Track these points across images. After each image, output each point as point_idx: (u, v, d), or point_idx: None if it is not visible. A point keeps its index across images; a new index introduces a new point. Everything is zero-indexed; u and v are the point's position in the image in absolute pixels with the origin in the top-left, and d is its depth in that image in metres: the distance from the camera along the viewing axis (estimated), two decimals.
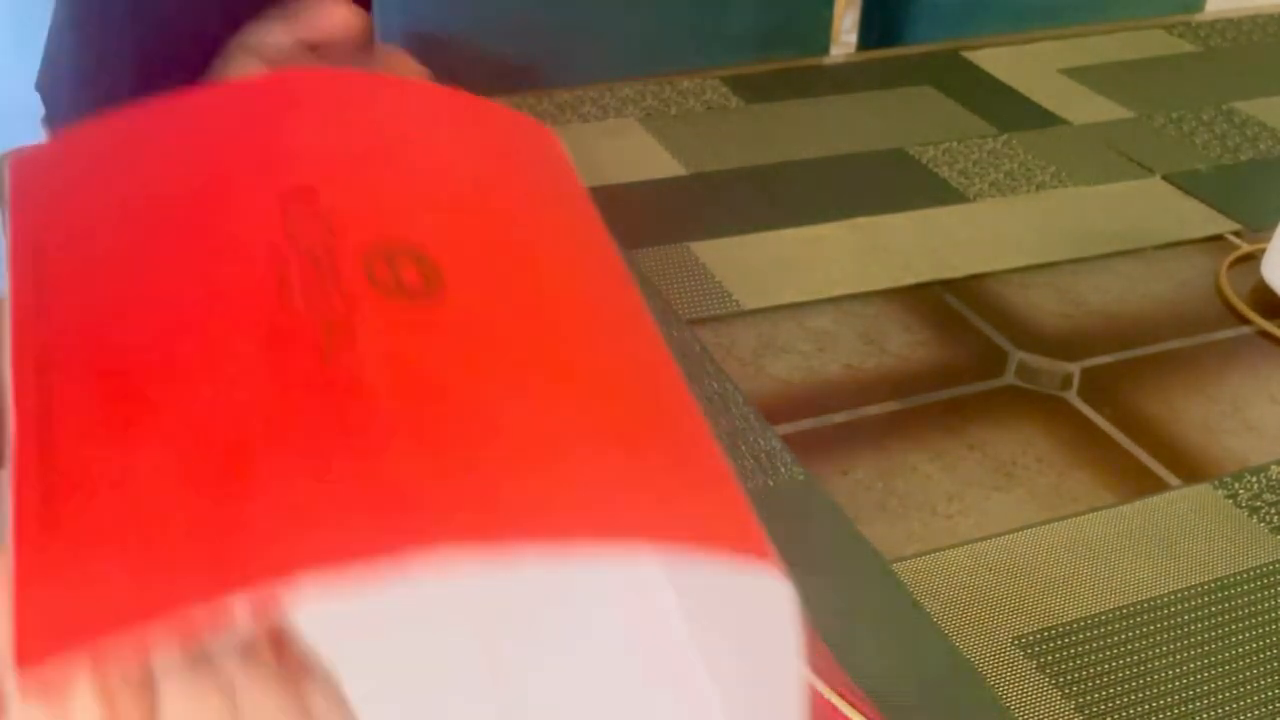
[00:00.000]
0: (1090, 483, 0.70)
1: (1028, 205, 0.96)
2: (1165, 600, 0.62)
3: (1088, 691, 0.57)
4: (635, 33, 1.25)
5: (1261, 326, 0.84)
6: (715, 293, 0.83)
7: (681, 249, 0.87)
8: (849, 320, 0.82)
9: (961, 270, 0.87)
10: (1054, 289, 0.87)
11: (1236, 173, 1.02)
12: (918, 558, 0.64)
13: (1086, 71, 1.18)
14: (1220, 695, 0.58)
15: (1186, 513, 0.68)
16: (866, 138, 1.04)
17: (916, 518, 0.66)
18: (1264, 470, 0.71)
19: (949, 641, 0.59)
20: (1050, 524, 0.66)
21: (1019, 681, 0.58)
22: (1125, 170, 1.02)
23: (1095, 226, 0.94)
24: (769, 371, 0.77)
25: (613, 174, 0.96)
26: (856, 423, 0.73)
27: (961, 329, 0.82)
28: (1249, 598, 0.63)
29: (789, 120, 1.05)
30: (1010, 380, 0.78)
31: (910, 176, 0.99)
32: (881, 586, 0.61)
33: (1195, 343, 0.82)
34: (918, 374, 0.77)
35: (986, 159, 1.02)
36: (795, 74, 1.14)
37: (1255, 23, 1.32)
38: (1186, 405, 0.76)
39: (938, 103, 1.10)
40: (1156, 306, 0.86)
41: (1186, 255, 0.92)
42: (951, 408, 0.75)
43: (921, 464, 0.70)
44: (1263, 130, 1.09)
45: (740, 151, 1.00)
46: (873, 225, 0.92)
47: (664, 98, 1.07)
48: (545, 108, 1.03)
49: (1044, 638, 0.60)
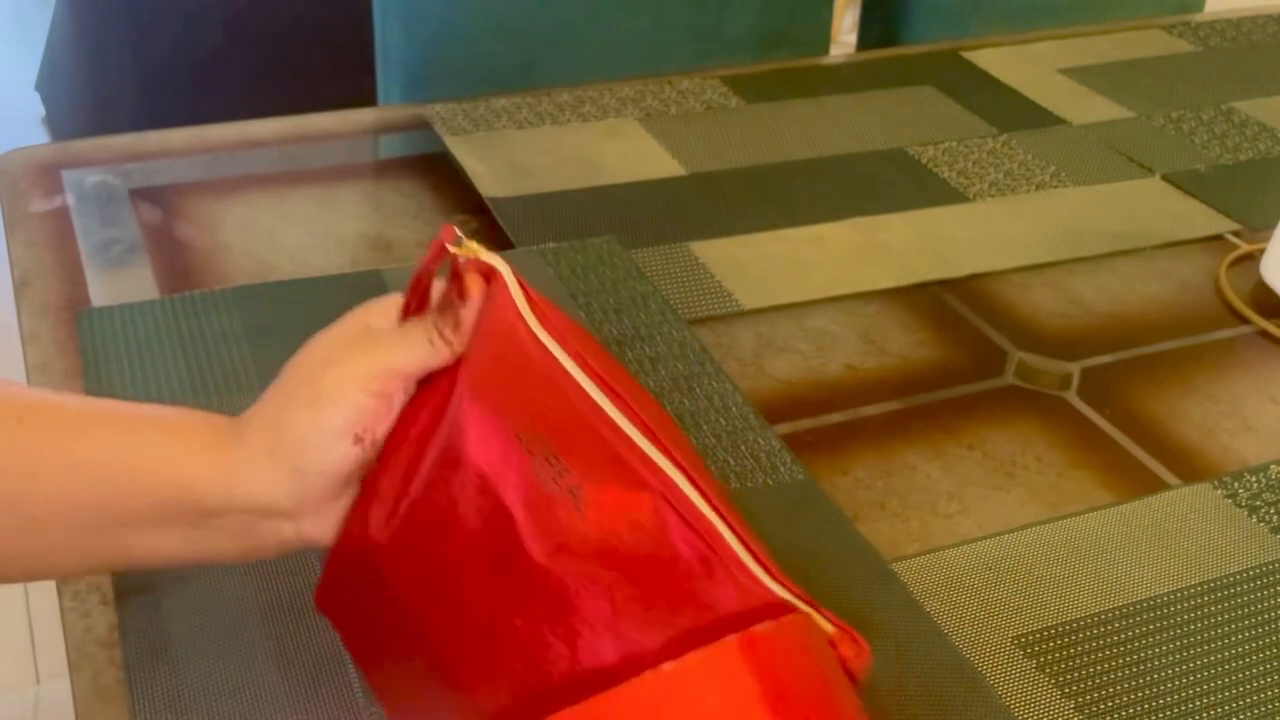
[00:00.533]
0: (1090, 483, 0.70)
1: (1028, 205, 0.96)
2: (1165, 600, 0.62)
3: (1088, 691, 0.58)
4: (635, 33, 1.26)
5: (1261, 326, 0.84)
6: (715, 293, 0.83)
7: (681, 249, 0.87)
8: (849, 320, 0.82)
9: (961, 270, 0.87)
10: (1054, 289, 0.87)
11: (1236, 173, 1.02)
12: (918, 557, 0.64)
13: (1086, 71, 1.18)
14: (1220, 695, 0.58)
15: (1186, 512, 0.68)
16: (866, 138, 1.04)
17: (916, 517, 0.67)
18: (1263, 470, 0.71)
19: (949, 641, 0.59)
20: (1050, 524, 0.66)
21: (1019, 681, 0.58)
22: (1125, 170, 1.02)
23: (1095, 226, 0.94)
24: (769, 371, 0.77)
25: (613, 174, 0.96)
26: (856, 423, 0.73)
27: (961, 329, 0.82)
28: (1249, 598, 0.63)
29: (789, 120, 1.06)
30: (1010, 380, 0.78)
31: (910, 176, 0.99)
32: (881, 586, 0.61)
33: (1195, 343, 0.82)
34: (918, 374, 0.77)
35: (986, 159, 1.02)
36: (795, 74, 1.14)
37: (1255, 23, 1.32)
38: (1186, 405, 0.76)
39: (938, 103, 1.10)
40: (1156, 306, 0.86)
41: (1186, 255, 0.92)
42: (951, 408, 0.75)
43: (921, 464, 0.70)
44: (1263, 130, 1.09)
45: (740, 151, 1.00)
46: (873, 225, 0.92)
47: (664, 98, 1.07)
48: (545, 107, 1.04)
49: (1044, 637, 0.60)
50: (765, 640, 0.38)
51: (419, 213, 0.90)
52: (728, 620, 0.39)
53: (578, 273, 0.83)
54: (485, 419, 0.42)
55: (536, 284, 0.82)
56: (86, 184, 0.90)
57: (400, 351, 0.45)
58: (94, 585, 0.59)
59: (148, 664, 0.55)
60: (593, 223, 0.89)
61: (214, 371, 0.71)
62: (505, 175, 0.94)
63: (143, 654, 0.55)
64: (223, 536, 0.46)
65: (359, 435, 0.44)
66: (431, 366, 0.45)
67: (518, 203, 0.91)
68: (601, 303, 0.80)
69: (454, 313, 0.45)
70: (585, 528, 0.39)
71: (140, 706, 0.53)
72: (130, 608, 0.57)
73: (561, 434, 0.41)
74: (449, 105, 1.02)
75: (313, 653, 0.56)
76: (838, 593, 0.61)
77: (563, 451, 0.40)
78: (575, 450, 0.40)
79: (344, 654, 0.56)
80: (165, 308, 0.77)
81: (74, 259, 0.82)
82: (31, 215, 0.86)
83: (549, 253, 0.85)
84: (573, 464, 0.40)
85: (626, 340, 0.77)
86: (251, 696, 0.54)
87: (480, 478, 0.41)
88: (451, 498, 0.42)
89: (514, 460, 0.41)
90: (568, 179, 0.94)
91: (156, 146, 0.96)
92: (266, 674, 0.55)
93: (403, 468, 0.44)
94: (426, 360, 0.45)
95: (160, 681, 0.54)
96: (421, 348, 0.45)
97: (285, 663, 0.55)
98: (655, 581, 0.39)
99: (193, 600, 0.58)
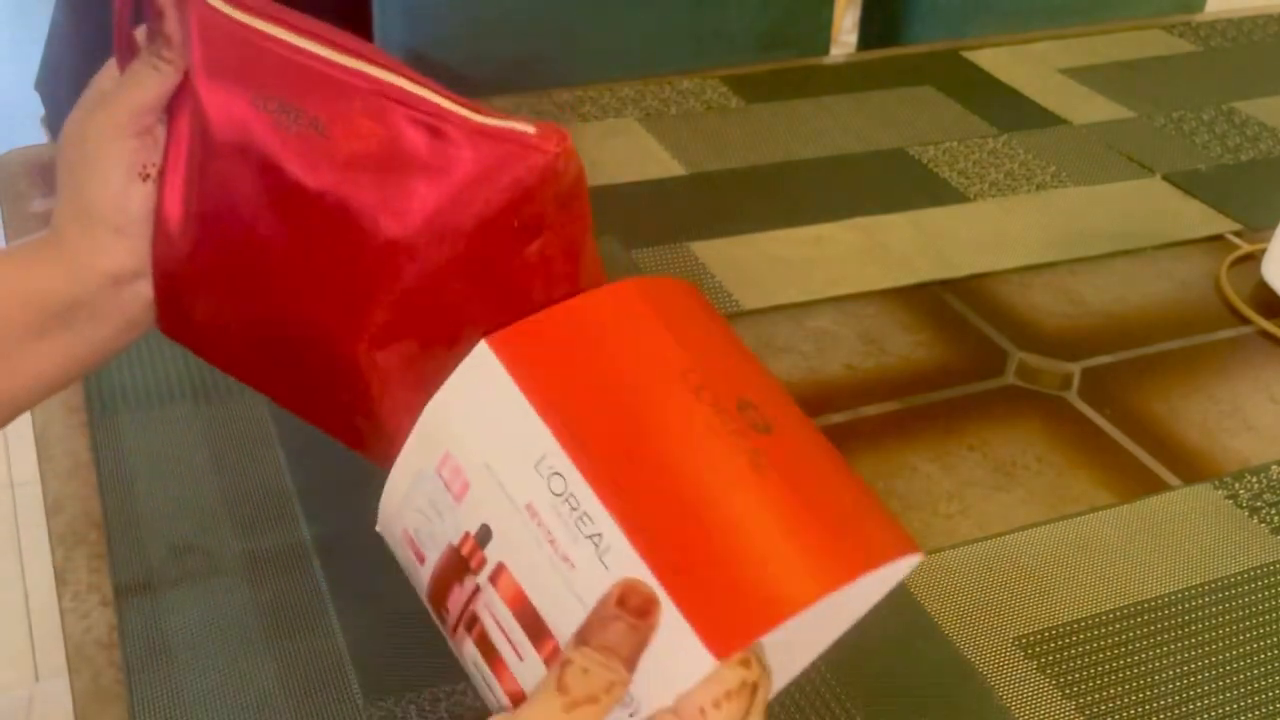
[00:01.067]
0: (1090, 483, 0.70)
1: (1028, 205, 0.96)
2: (1165, 600, 0.62)
3: (1088, 691, 0.57)
4: (635, 33, 1.26)
5: (1261, 326, 0.84)
6: (715, 293, 0.83)
7: (681, 249, 0.87)
8: (849, 320, 0.82)
9: (961, 270, 0.87)
10: (1054, 289, 0.87)
11: (1236, 173, 1.02)
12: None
13: (1086, 71, 1.18)
14: (1220, 695, 0.58)
15: (1186, 513, 0.68)
16: (866, 138, 1.04)
17: (916, 518, 0.66)
18: (1264, 470, 0.71)
19: (949, 641, 0.59)
20: (1050, 524, 0.66)
21: (1019, 681, 0.58)
22: (1125, 170, 1.02)
23: (1095, 226, 0.94)
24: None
25: (613, 174, 0.96)
26: (856, 423, 0.73)
27: (961, 329, 0.82)
28: (1249, 598, 0.63)
29: (789, 120, 1.05)
30: (1010, 380, 0.78)
31: (910, 176, 0.99)
32: None
33: (1195, 343, 0.82)
34: (918, 374, 0.77)
35: (986, 159, 1.02)
36: (795, 74, 1.14)
37: (1255, 23, 1.32)
38: (1186, 405, 0.76)
39: (938, 103, 1.10)
40: (1156, 306, 0.86)
41: (1186, 255, 0.92)
42: (951, 408, 0.75)
43: (921, 464, 0.70)
44: (1263, 130, 1.09)
45: (740, 151, 1.00)
46: (873, 225, 0.92)
47: (664, 98, 1.07)
48: (545, 108, 1.04)
49: (1044, 638, 0.60)
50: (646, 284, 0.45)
51: None
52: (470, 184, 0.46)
53: None
54: (220, 99, 0.48)
55: None
56: None
57: (134, 90, 0.50)
58: (94, 586, 0.59)
59: (148, 664, 0.55)
60: (593, 223, 0.89)
61: (214, 371, 0.71)
62: None
63: (143, 654, 0.55)
64: (97, 323, 0.52)
65: (142, 173, 0.50)
66: (169, 88, 0.50)
67: None
68: None
69: (163, 37, 0.49)
70: (333, 146, 0.47)
71: (140, 707, 0.53)
72: (130, 608, 0.57)
73: (288, 85, 0.47)
74: None
75: (312, 653, 0.56)
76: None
77: (294, 98, 0.47)
78: (303, 93, 0.47)
79: (344, 654, 0.56)
80: None
81: None
82: (31, 215, 0.86)
83: None
84: (305, 105, 0.47)
85: None
86: (251, 697, 0.54)
87: (235, 146, 0.48)
88: (225, 177, 0.49)
89: (258, 123, 0.48)
90: None
91: None
92: (266, 674, 0.55)
93: (181, 174, 0.50)
94: (160, 86, 0.50)
95: (160, 681, 0.54)
96: (149, 77, 0.49)
97: (285, 663, 0.55)
98: (400, 164, 0.47)
99: (193, 600, 0.58)
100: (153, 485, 0.64)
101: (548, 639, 0.40)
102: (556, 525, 0.40)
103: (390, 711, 0.54)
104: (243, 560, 0.60)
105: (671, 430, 0.40)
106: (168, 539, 0.61)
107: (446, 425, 0.43)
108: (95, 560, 0.60)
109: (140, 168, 0.50)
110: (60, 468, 0.66)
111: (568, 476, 0.40)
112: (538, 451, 0.41)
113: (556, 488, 0.40)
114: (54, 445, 0.67)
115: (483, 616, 0.42)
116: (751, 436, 0.40)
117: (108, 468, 0.65)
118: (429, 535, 0.44)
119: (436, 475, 0.43)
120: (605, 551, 0.39)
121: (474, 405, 0.42)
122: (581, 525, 0.39)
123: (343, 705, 0.54)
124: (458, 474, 0.43)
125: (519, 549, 0.41)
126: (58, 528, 0.62)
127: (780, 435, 0.41)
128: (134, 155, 0.50)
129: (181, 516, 0.62)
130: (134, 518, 0.62)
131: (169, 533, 0.61)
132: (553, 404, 0.41)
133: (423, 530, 0.44)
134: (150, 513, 0.62)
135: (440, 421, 0.43)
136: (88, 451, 0.66)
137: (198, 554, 0.60)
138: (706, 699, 0.38)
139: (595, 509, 0.39)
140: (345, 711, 0.53)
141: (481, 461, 0.42)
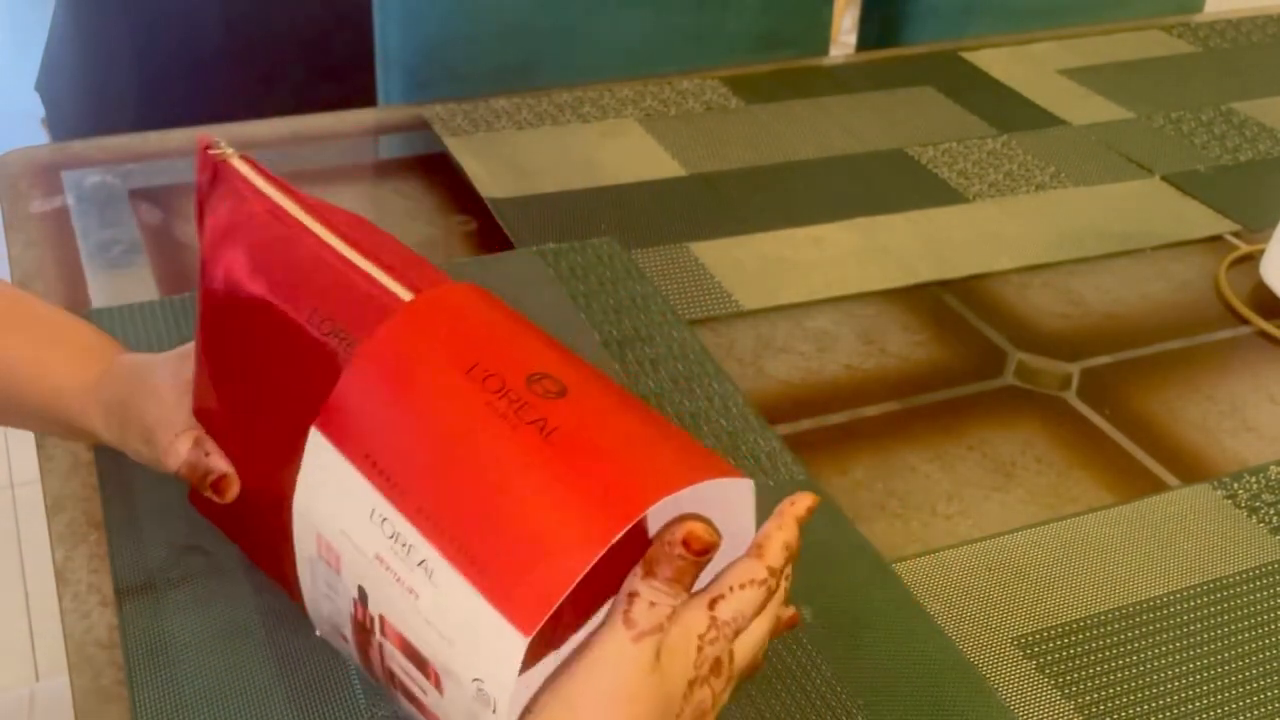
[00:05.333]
0: (1089, 483, 0.70)
1: (1027, 206, 0.96)
2: (1165, 600, 0.62)
3: (1087, 691, 0.58)
4: (635, 33, 1.26)
5: (1260, 327, 0.84)
6: (715, 293, 0.83)
7: (681, 249, 0.87)
8: (849, 320, 0.82)
9: (961, 270, 0.87)
10: (1054, 289, 0.87)
11: (1235, 173, 1.02)
12: (918, 557, 0.64)
13: (1086, 72, 1.18)
14: (1220, 695, 0.58)
15: (1185, 513, 0.68)
16: (866, 138, 1.04)
17: (916, 518, 0.67)
18: (1263, 470, 0.71)
19: (949, 641, 0.59)
20: (1050, 524, 0.66)
21: (1019, 681, 0.58)
22: (1125, 170, 1.02)
23: (1095, 226, 0.94)
24: (769, 372, 0.77)
25: (613, 174, 0.96)
26: (856, 423, 0.73)
27: (961, 329, 0.82)
28: (1248, 598, 0.63)
29: (789, 120, 1.06)
30: (1010, 380, 0.78)
31: (910, 177, 0.99)
32: (882, 586, 0.61)
33: (1195, 343, 0.82)
34: (918, 374, 0.77)
35: (986, 159, 1.02)
36: (795, 74, 1.14)
37: (1254, 24, 1.32)
38: (1185, 406, 0.76)
39: (938, 103, 1.10)
40: (1156, 306, 0.86)
41: (1186, 255, 0.92)
42: (951, 408, 0.75)
43: (921, 464, 0.70)
44: (1261, 131, 1.09)
45: (740, 152, 1.00)
46: (873, 225, 0.92)
47: (664, 98, 1.07)
48: (545, 108, 1.04)
49: (1044, 638, 0.60)
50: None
51: (419, 213, 0.90)
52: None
53: (577, 273, 0.83)
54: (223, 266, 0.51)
55: (537, 284, 0.82)
56: (86, 184, 0.90)
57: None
58: (94, 587, 0.59)
59: (148, 664, 0.55)
60: (592, 223, 0.89)
61: None
62: (505, 176, 0.94)
63: (143, 654, 0.55)
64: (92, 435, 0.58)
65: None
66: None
67: (517, 203, 0.91)
68: (601, 303, 0.80)
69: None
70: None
71: (140, 707, 0.53)
72: (130, 608, 0.57)
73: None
74: (449, 106, 1.02)
75: (313, 653, 0.56)
76: (838, 593, 0.61)
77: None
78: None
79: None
80: (165, 308, 0.77)
81: (74, 259, 0.82)
82: (31, 215, 0.86)
83: (549, 253, 0.85)
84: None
85: (626, 341, 0.77)
86: (251, 697, 0.54)
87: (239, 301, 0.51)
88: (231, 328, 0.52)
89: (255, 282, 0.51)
90: (567, 179, 0.94)
91: (156, 146, 0.96)
92: (266, 674, 0.55)
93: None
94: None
95: (160, 682, 0.54)
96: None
97: (285, 663, 0.55)
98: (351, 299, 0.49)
99: (193, 600, 0.58)
100: (153, 485, 0.64)
101: (428, 666, 0.44)
102: (397, 564, 0.44)
103: (392, 712, 0.54)
104: (243, 560, 0.60)
105: (459, 431, 0.44)
106: (168, 539, 0.61)
107: (312, 509, 0.47)
108: (95, 560, 0.60)
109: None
110: (60, 468, 0.66)
111: (392, 518, 0.44)
112: (368, 505, 0.45)
113: (388, 531, 0.44)
114: (54, 445, 0.67)
115: (394, 669, 0.46)
116: (541, 406, 0.44)
117: (108, 468, 0.65)
118: (338, 614, 0.48)
119: (321, 559, 0.47)
120: (432, 572, 0.43)
121: (320, 483, 0.47)
122: (411, 556, 0.43)
123: (344, 706, 0.54)
124: (330, 549, 0.47)
125: (387, 597, 0.44)
126: (58, 528, 0.62)
127: (575, 396, 0.45)
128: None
129: (182, 516, 0.62)
130: (134, 518, 0.62)
131: (169, 533, 0.61)
132: (368, 456, 0.45)
133: (336, 614, 0.48)
134: (150, 513, 0.62)
135: (306, 507, 0.47)
136: (88, 451, 0.66)
137: (198, 554, 0.60)
138: (736, 580, 0.45)
139: (414, 537, 0.43)
140: (347, 712, 0.54)
141: (339, 529, 0.46)
